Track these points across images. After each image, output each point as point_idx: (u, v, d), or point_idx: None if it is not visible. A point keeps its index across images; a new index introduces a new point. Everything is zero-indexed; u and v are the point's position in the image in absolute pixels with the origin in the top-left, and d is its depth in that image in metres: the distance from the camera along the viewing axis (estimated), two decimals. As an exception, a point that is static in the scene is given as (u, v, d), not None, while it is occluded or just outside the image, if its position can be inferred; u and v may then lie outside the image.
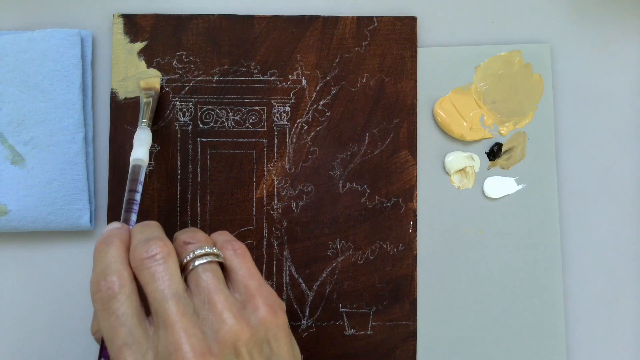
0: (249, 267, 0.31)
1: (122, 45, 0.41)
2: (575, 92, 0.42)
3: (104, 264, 0.30)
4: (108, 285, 0.29)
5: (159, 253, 0.29)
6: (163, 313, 0.28)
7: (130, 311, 0.29)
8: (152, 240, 0.30)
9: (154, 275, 0.29)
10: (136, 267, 0.29)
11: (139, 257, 0.29)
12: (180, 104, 0.41)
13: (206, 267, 0.30)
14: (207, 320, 0.29)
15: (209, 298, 0.29)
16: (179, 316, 0.28)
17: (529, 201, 0.41)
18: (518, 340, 0.40)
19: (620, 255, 0.42)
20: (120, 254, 0.30)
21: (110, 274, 0.29)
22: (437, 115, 0.41)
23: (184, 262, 0.30)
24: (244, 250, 0.32)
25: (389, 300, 0.40)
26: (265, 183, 0.41)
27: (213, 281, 0.30)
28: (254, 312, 0.29)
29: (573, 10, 0.43)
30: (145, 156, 0.37)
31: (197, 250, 0.30)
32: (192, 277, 0.30)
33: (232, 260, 0.31)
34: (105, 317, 0.29)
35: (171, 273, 0.29)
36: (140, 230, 0.31)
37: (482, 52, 0.42)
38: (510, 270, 0.41)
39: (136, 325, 0.28)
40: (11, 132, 0.39)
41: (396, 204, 0.41)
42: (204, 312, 0.29)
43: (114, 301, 0.29)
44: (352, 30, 0.41)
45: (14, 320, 0.40)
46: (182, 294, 0.29)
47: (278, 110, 0.41)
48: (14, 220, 0.39)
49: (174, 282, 0.29)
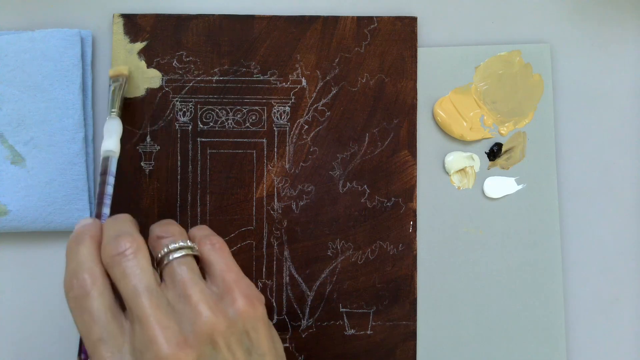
0: (226, 261, 0.31)
1: (122, 45, 0.41)
2: (575, 92, 0.42)
3: (75, 263, 0.30)
4: (80, 283, 0.29)
5: (129, 248, 0.29)
6: (136, 307, 0.28)
7: (103, 307, 0.29)
8: (121, 236, 0.30)
9: (125, 271, 0.29)
10: (107, 263, 0.29)
11: (109, 254, 0.29)
12: (180, 104, 0.41)
13: (181, 261, 0.30)
14: (182, 313, 0.29)
15: (185, 291, 0.29)
16: (153, 309, 0.28)
17: (529, 201, 0.41)
18: (518, 340, 0.40)
19: (620, 255, 0.42)
20: (91, 251, 0.30)
21: (81, 272, 0.29)
22: (437, 115, 0.41)
23: (159, 256, 0.30)
24: (222, 244, 0.32)
25: (389, 300, 0.40)
26: (265, 183, 0.41)
27: (188, 274, 0.30)
28: (231, 305, 0.29)
29: (573, 10, 0.43)
30: (115, 147, 0.36)
31: (171, 245, 0.30)
32: (167, 271, 0.30)
33: (210, 254, 0.31)
34: (79, 314, 0.29)
35: (142, 267, 0.29)
36: (111, 225, 0.31)
37: (482, 52, 0.42)
38: (510, 270, 0.41)
39: (110, 321, 0.29)
40: (11, 132, 0.39)
41: (396, 204, 0.41)
42: (180, 305, 0.29)
43: (86, 298, 0.29)
44: (352, 30, 0.41)
45: (14, 320, 0.40)
46: (154, 288, 0.29)
47: (278, 110, 0.41)
48: (14, 220, 0.39)
49: (146, 276, 0.29)
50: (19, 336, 0.40)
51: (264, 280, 0.40)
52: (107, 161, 0.36)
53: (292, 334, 0.40)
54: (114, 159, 0.36)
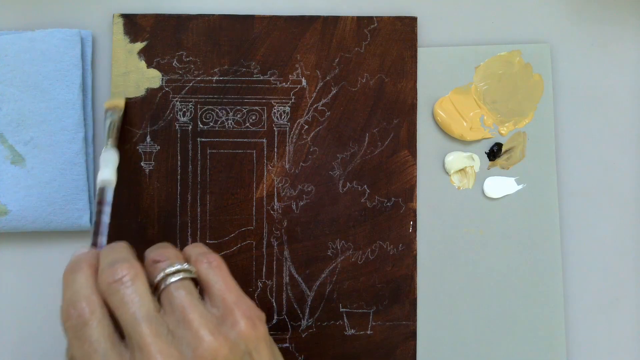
0: (225, 280, 0.31)
1: (122, 45, 0.41)
2: (575, 92, 0.42)
3: (72, 291, 0.29)
4: (78, 312, 0.28)
5: (126, 275, 0.29)
6: (136, 336, 0.28)
7: (102, 337, 0.28)
8: (117, 263, 0.29)
9: (123, 299, 0.28)
10: (104, 291, 0.29)
11: (106, 282, 0.29)
12: (180, 104, 0.41)
13: (178, 285, 0.30)
14: (183, 339, 0.28)
15: (184, 316, 0.29)
16: (153, 337, 0.28)
17: (529, 201, 0.41)
18: (518, 340, 0.40)
19: (620, 255, 0.42)
20: (88, 279, 0.30)
21: (79, 300, 0.29)
22: (437, 115, 0.41)
23: (156, 281, 0.30)
24: (219, 262, 0.31)
25: (389, 300, 0.40)
26: (265, 183, 0.41)
27: (187, 298, 0.29)
28: (232, 327, 0.29)
29: (573, 10, 0.43)
30: (112, 177, 0.36)
31: (167, 269, 0.30)
32: (165, 296, 0.29)
33: (208, 273, 0.31)
34: (79, 345, 0.28)
35: (140, 294, 0.29)
36: (107, 253, 0.31)
37: (482, 52, 0.42)
38: (510, 270, 0.41)
39: (110, 350, 0.28)
40: (11, 132, 0.39)
41: (396, 204, 0.41)
42: (180, 330, 0.28)
43: (85, 328, 0.28)
44: (352, 30, 0.41)
45: (14, 320, 0.40)
46: (154, 315, 0.28)
47: (278, 110, 0.41)
48: (14, 220, 0.39)
49: (145, 304, 0.28)
50: (19, 336, 0.40)
51: (264, 280, 0.40)
52: (103, 191, 0.36)
53: (292, 334, 0.40)
54: (109, 189, 0.36)
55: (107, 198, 0.35)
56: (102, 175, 0.36)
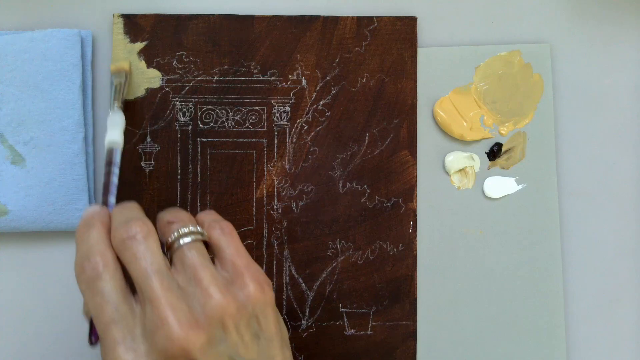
0: (236, 246, 0.31)
1: (122, 45, 0.41)
2: (575, 92, 0.42)
3: (87, 246, 0.30)
4: (92, 265, 0.29)
5: (139, 232, 0.30)
6: (147, 289, 0.28)
7: (115, 289, 0.29)
8: (132, 221, 0.30)
9: (136, 254, 0.29)
10: (118, 247, 0.30)
11: (120, 238, 0.30)
12: (180, 104, 0.41)
13: (191, 246, 0.30)
14: (193, 296, 0.29)
15: (195, 274, 0.29)
16: (164, 291, 0.28)
17: (529, 201, 0.41)
18: (518, 340, 0.40)
19: (620, 255, 0.42)
20: (102, 235, 0.30)
21: (93, 255, 0.29)
22: (437, 115, 0.41)
23: (169, 241, 0.31)
24: (231, 229, 0.32)
25: (389, 300, 0.40)
26: (265, 183, 0.41)
27: (198, 258, 0.30)
28: (242, 289, 0.30)
29: (573, 10, 0.43)
30: (119, 138, 0.37)
31: (181, 229, 0.31)
32: (177, 255, 0.30)
33: (220, 239, 0.31)
34: (91, 296, 0.29)
35: (152, 251, 0.29)
36: (120, 211, 0.32)
37: (482, 52, 0.42)
38: (510, 270, 0.41)
39: (122, 302, 0.29)
40: (11, 132, 0.39)
41: (396, 204, 0.41)
42: (190, 288, 0.29)
43: (98, 281, 0.29)
44: (352, 30, 0.41)
45: (14, 320, 0.40)
46: (165, 271, 0.29)
47: (278, 110, 0.41)
48: (14, 220, 0.39)
49: (156, 260, 0.29)
50: (19, 336, 0.40)
51: (264, 280, 0.40)
52: (111, 152, 0.36)
53: (292, 334, 0.40)
54: (117, 150, 0.36)
55: (115, 159, 0.36)
56: (109, 136, 0.37)
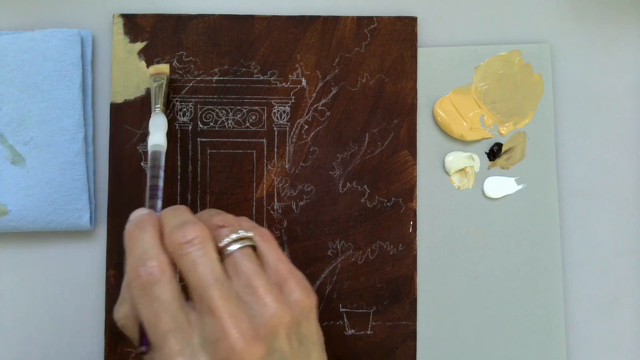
0: (277, 252, 0.31)
1: (122, 45, 0.41)
2: (575, 92, 0.42)
3: (141, 250, 0.29)
4: (148, 270, 0.28)
5: (197, 237, 0.29)
6: (207, 298, 0.28)
7: (172, 297, 0.28)
8: (187, 225, 0.29)
9: (195, 261, 0.28)
10: (174, 252, 0.29)
11: (177, 242, 0.29)
12: (180, 104, 0.41)
13: (244, 252, 0.30)
14: (250, 305, 0.28)
15: (250, 283, 0.29)
16: (224, 301, 0.28)
17: (529, 201, 0.41)
18: (518, 340, 0.40)
19: (620, 255, 0.42)
20: (155, 239, 0.29)
21: (149, 259, 0.28)
22: (437, 115, 0.41)
23: (220, 246, 0.30)
24: (269, 235, 0.32)
25: (389, 300, 0.40)
26: (265, 183, 0.41)
27: (252, 266, 0.29)
28: (289, 295, 0.30)
29: (573, 10, 0.43)
30: (163, 141, 0.37)
31: (232, 235, 0.30)
32: (230, 261, 0.30)
33: (262, 245, 0.31)
34: (147, 303, 0.28)
35: (211, 258, 0.29)
36: (172, 214, 0.31)
37: (482, 52, 0.42)
38: (511, 270, 0.41)
39: (179, 310, 0.28)
40: (11, 132, 0.39)
41: (396, 204, 0.41)
42: (246, 296, 0.29)
43: (156, 287, 0.28)
44: (352, 30, 0.41)
45: (14, 320, 0.40)
46: (224, 279, 0.29)
47: (278, 110, 0.41)
48: (14, 220, 0.39)
49: (215, 267, 0.29)
50: (19, 336, 0.40)
51: (264, 280, 0.40)
52: (156, 155, 0.36)
53: (292, 334, 0.40)
54: (162, 153, 0.36)
55: (160, 162, 0.36)
56: (153, 139, 0.36)
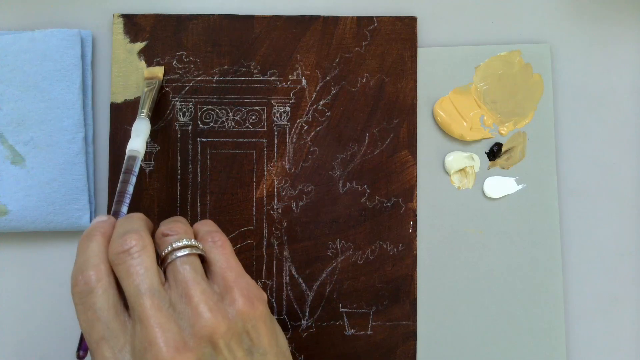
0: (227, 259, 0.31)
1: (122, 45, 0.41)
2: (575, 92, 0.42)
3: (83, 259, 0.30)
4: (85, 279, 0.29)
5: (134, 247, 0.29)
6: (138, 308, 0.28)
7: (106, 305, 0.29)
8: (128, 234, 0.30)
9: (129, 270, 0.29)
10: (112, 261, 0.29)
11: (115, 251, 0.29)
12: (180, 104, 0.41)
13: (184, 260, 0.30)
14: (183, 314, 0.29)
15: (186, 291, 0.29)
16: (154, 311, 0.28)
17: (529, 201, 0.41)
18: (518, 340, 0.40)
19: (620, 255, 0.42)
20: (100, 248, 0.30)
21: (87, 268, 0.29)
22: (437, 115, 0.41)
23: (163, 254, 0.30)
24: (224, 241, 0.32)
25: (389, 300, 0.40)
26: (265, 183, 0.41)
27: (191, 274, 0.29)
28: (231, 305, 0.29)
29: (573, 10, 0.43)
30: (141, 147, 0.36)
31: (175, 243, 0.30)
32: (171, 270, 0.30)
33: (211, 251, 0.31)
34: (83, 311, 0.29)
35: (146, 267, 0.29)
36: (122, 223, 0.31)
37: (482, 52, 0.42)
38: (510, 270, 0.41)
39: (113, 319, 0.29)
40: (11, 132, 0.39)
41: (396, 204, 0.41)
42: (181, 305, 0.29)
43: (90, 295, 0.29)
44: (352, 30, 0.41)
45: (14, 320, 0.40)
46: (157, 288, 0.29)
47: (278, 110, 0.41)
48: (14, 220, 0.39)
49: (149, 277, 0.29)
50: (19, 336, 0.40)
51: (264, 280, 0.40)
52: (131, 160, 0.36)
53: (292, 334, 0.40)
54: (138, 159, 0.36)
55: (134, 168, 0.36)
56: (132, 144, 0.36)
